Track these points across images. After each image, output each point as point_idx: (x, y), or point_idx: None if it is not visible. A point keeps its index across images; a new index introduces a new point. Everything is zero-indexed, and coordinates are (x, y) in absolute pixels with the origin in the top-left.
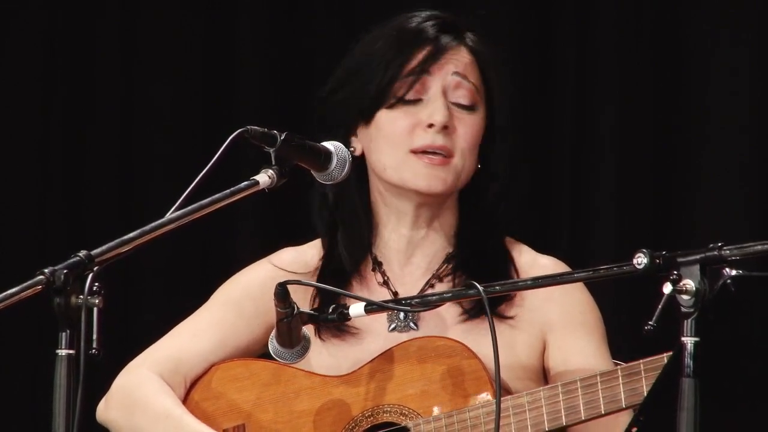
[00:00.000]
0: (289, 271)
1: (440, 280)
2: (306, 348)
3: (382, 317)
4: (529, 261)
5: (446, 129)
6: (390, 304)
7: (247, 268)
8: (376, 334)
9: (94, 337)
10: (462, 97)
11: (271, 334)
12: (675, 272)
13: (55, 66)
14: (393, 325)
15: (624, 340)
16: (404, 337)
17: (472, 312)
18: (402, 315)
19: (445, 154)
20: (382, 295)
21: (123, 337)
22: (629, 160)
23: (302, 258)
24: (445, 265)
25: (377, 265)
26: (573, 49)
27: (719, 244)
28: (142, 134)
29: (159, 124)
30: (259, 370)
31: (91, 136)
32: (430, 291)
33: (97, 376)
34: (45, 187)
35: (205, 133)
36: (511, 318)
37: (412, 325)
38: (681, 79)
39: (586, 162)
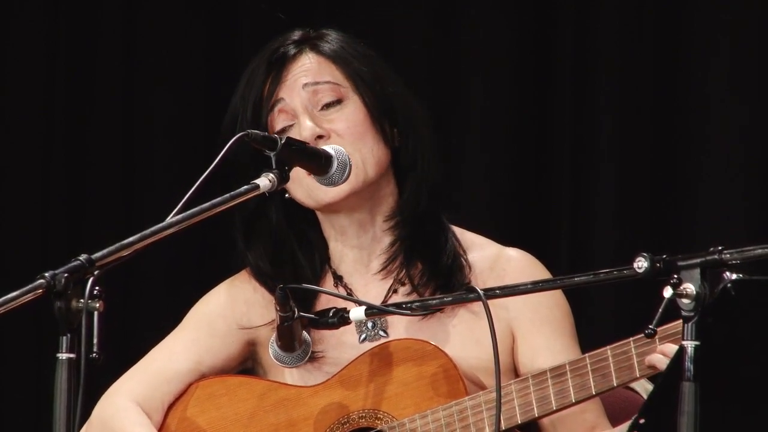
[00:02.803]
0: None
1: (402, 283)
2: (306, 352)
3: (351, 330)
4: (495, 253)
5: (321, 138)
6: (391, 308)
7: (216, 287)
8: (348, 347)
9: (95, 341)
10: (324, 98)
11: (272, 339)
12: (675, 276)
13: (57, 70)
14: (363, 336)
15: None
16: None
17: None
18: (370, 324)
19: None
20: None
21: (124, 341)
22: (629, 164)
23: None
24: (403, 270)
25: (338, 280)
26: (572, 51)
27: (719, 248)
28: (144, 138)
29: (160, 128)
30: (236, 386)
31: (92, 139)
32: (394, 296)
33: (98, 380)
34: (46, 191)
35: (207, 136)
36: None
37: (381, 333)
38: (681, 81)
39: (585, 165)
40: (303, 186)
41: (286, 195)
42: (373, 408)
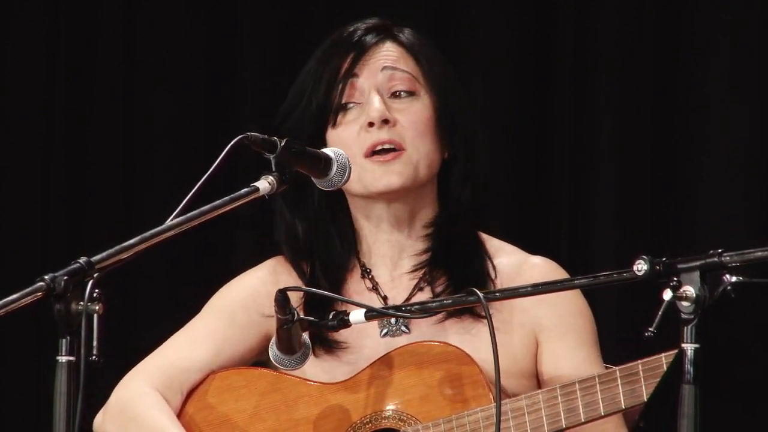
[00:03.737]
0: (281, 280)
1: (429, 283)
2: (306, 354)
3: (373, 324)
4: (520, 260)
5: (387, 123)
6: (390, 311)
7: (238, 276)
8: (369, 340)
9: (95, 343)
10: (399, 85)
11: (272, 341)
12: (675, 279)
13: (57, 70)
14: (385, 330)
15: (624, 347)
16: (397, 341)
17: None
18: (393, 319)
19: (396, 148)
20: (372, 300)
21: (123, 342)
22: (629, 164)
23: (294, 266)
24: (430, 269)
25: (366, 273)
26: (572, 51)
27: (719, 251)
28: (143, 138)
29: (160, 128)
30: (255, 378)
31: (92, 141)
32: (419, 294)
33: (98, 383)
34: (46, 191)
35: (206, 139)
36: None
37: (403, 328)
38: (681, 81)
39: (586, 165)
40: (360, 168)
41: None
42: (397, 409)
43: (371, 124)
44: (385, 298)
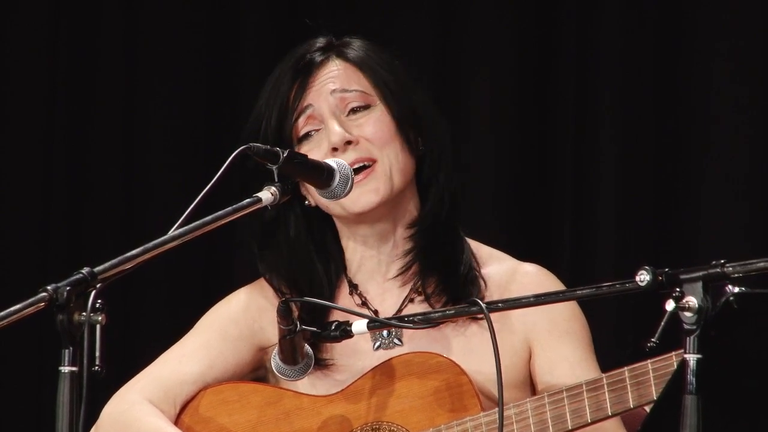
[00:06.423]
0: (270, 296)
1: (418, 293)
2: (309, 365)
3: (365, 337)
4: (512, 267)
5: (350, 143)
6: (393, 321)
7: (230, 294)
8: (362, 354)
9: (97, 354)
10: (352, 103)
11: (274, 351)
12: (677, 289)
13: (57, 82)
14: (377, 344)
15: (623, 356)
16: (391, 353)
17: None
18: (385, 332)
19: (368, 164)
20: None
21: (126, 354)
22: (631, 169)
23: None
24: (418, 278)
25: (353, 288)
26: (574, 58)
27: (722, 261)
28: (145, 150)
29: (162, 141)
30: (248, 392)
31: (93, 151)
32: (410, 305)
33: (100, 393)
34: (47, 203)
35: (209, 148)
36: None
37: (396, 341)
38: (683, 89)
39: (587, 170)
40: None
41: (306, 202)
42: (388, 420)
43: (335, 149)
44: (375, 312)
